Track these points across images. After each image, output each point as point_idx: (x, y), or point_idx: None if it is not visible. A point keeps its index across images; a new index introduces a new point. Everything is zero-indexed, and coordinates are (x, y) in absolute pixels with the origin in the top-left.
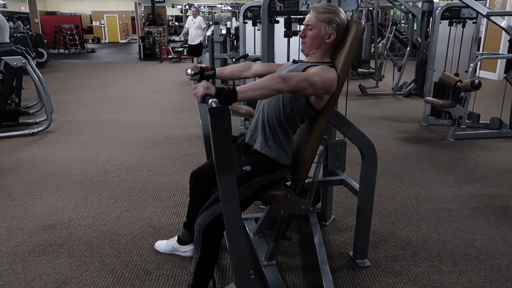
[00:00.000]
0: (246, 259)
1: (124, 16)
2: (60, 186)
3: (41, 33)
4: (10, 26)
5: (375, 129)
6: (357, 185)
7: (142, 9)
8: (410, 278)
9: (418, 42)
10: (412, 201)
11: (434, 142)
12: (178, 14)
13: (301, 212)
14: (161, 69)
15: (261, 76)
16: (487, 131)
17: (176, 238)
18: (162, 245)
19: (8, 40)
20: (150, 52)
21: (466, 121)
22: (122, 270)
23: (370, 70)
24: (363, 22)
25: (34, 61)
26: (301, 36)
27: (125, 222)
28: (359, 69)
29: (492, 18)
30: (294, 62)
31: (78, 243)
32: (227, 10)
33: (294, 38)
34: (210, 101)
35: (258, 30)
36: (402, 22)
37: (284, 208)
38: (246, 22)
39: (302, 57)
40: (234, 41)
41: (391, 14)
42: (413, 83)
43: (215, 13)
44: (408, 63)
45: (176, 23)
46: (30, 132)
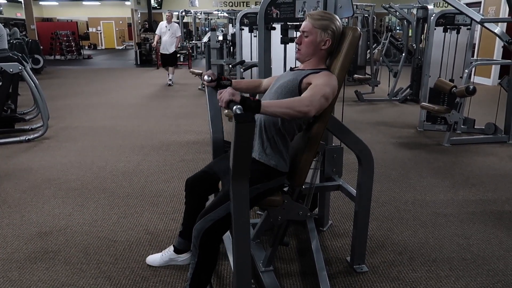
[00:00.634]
0: (249, 268)
1: (120, 22)
2: (56, 193)
3: (37, 39)
4: (6, 33)
5: (372, 134)
6: (354, 190)
7: (139, 15)
8: (407, 283)
9: (413, 48)
10: (408, 206)
11: (430, 147)
12: (175, 20)
13: (298, 217)
14: (157, 75)
15: (266, 90)
16: (482, 136)
17: (171, 248)
18: (156, 258)
19: (5, 46)
20: (147, 58)
21: (462, 126)
22: (119, 276)
23: (366, 76)
24: (359, 28)
25: (29, 65)
26: (297, 42)
27: (121, 228)
28: (355, 75)
29: (486, 24)
30: (291, 69)
31: (74, 250)
32: (224, 16)
33: (290, 45)
34: (235, 107)
35: (254, 36)
36: (397, 28)
37: (281, 213)
38: (243, 29)
39: (298, 63)
40: (231, 47)
41: (386, 20)
42: (408, 89)
43: (212, 19)
44: (403, 69)
45: None
46: (26, 138)
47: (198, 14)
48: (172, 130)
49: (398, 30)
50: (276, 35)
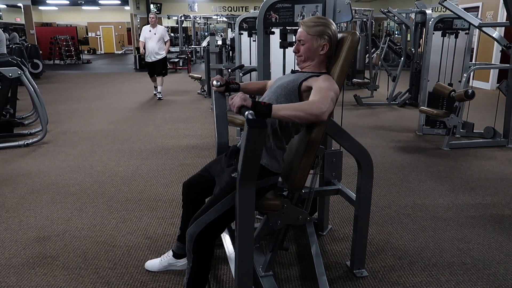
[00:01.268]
0: (250, 273)
1: (120, 27)
2: (55, 197)
3: (36, 44)
4: (6, 38)
5: (371, 138)
6: (353, 194)
7: (138, 20)
8: None
9: (412, 53)
10: (408, 210)
11: (429, 151)
12: (174, 25)
13: (298, 222)
14: None
15: None
16: (481, 140)
17: (170, 253)
18: (155, 264)
19: (5, 51)
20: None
21: (461, 130)
22: (118, 282)
23: (365, 80)
24: (358, 33)
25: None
26: (294, 51)
27: (120, 233)
28: (354, 79)
29: (484, 29)
30: (293, 71)
31: (73, 255)
32: (223, 21)
33: (289, 49)
34: (247, 113)
35: (253, 41)
36: (396, 33)
37: (281, 218)
38: (242, 33)
39: (298, 67)
40: (230, 52)
41: (385, 25)
42: (407, 93)
43: (211, 24)
44: (402, 73)
45: (172, 34)
46: (25, 143)
47: (197, 18)
48: (171, 135)
49: (396, 35)
50: (275, 40)
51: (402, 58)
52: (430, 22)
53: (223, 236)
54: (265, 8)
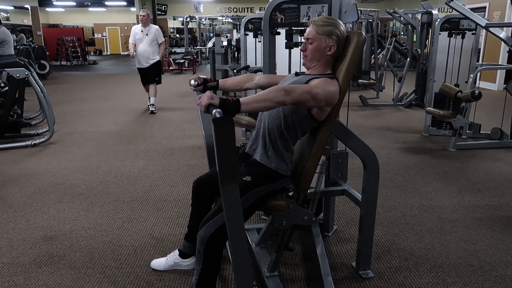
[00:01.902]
0: (248, 270)
1: (125, 28)
2: (61, 197)
3: (43, 45)
4: (13, 39)
5: (376, 139)
6: (359, 195)
7: None
8: None
9: (418, 53)
10: (414, 211)
11: (435, 152)
12: (180, 26)
13: (303, 222)
14: (162, 80)
15: (263, 87)
16: (488, 141)
17: (176, 253)
18: (161, 262)
19: (12, 52)
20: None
21: (467, 131)
22: (124, 281)
23: (371, 81)
24: (364, 33)
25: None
26: (301, 49)
27: (126, 233)
28: (360, 80)
29: (491, 29)
30: (297, 74)
31: (79, 254)
32: (228, 22)
33: (295, 49)
34: (214, 111)
35: (259, 41)
36: (402, 33)
37: (286, 218)
38: (247, 34)
39: (303, 68)
40: (235, 52)
41: (391, 25)
42: (413, 94)
43: (216, 25)
44: (408, 74)
45: (177, 35)
46: (32, 143)
47: (203, 20)
48: (176, 135)
49: (402, 35)
50: (280, 40)
51: (408, 59)
52: (437, 22)
53: None
54: (270, 8)
